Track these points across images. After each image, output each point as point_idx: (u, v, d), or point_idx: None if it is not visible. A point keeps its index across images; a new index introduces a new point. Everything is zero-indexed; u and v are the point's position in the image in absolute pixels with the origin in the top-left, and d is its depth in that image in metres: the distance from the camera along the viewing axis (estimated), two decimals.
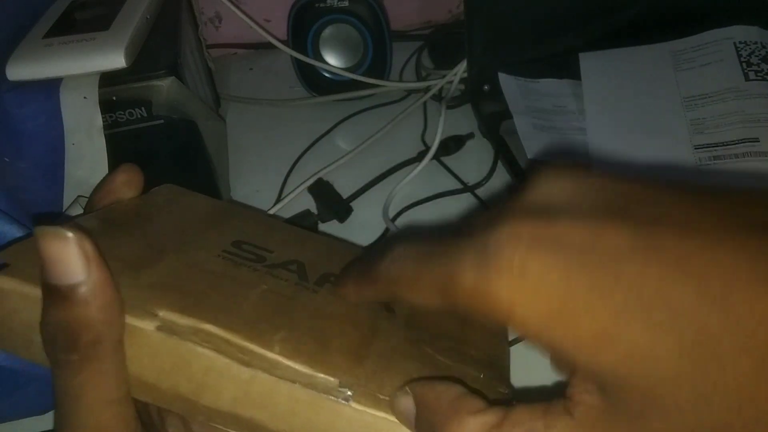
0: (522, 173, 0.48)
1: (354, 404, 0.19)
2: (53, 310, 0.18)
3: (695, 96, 0.49)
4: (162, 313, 0.19)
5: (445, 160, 0.52)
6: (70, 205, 0.33)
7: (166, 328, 0.19)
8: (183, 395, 0.19)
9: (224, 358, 0.19)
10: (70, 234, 0.18)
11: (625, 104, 0.50)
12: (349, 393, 0.19)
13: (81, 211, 0.32)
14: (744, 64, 0.49)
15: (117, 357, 0.19)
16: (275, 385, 0.19)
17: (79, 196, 0.34)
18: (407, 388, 0.19)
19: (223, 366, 0.19)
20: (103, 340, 0.18)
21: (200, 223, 0.26)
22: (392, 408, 0.19)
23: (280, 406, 0.19)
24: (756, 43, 0.49)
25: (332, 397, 0.19)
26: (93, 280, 0.18)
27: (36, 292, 0.19)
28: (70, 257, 0.18)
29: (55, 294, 0.18)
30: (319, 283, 0.24)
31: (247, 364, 0.19)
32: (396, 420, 0.19)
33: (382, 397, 0.19)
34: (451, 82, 0.57)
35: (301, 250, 0.26)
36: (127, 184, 0.26)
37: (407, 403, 0.19)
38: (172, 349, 0.19)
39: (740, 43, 0.50)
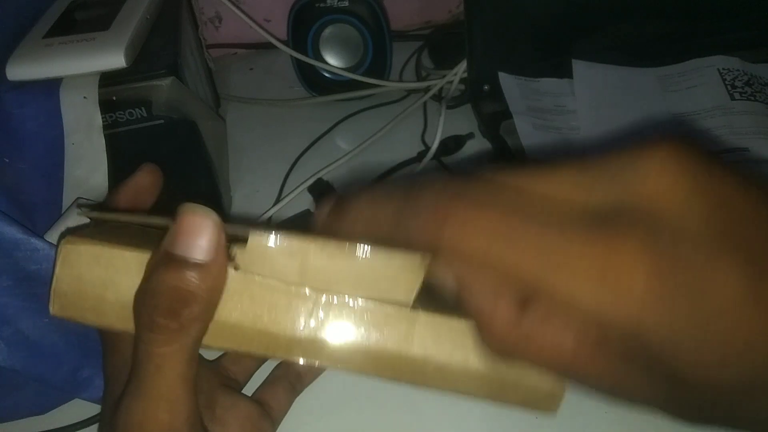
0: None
1: (424, 312, 0.20)
2: (168, 276, 0.19)
3: (684, 113, 0.50)
4: (236, 249, 0.20)
5: (445, 160, 0.52)
6: (69, 207, 0.33)
7: (244, 268, 0.20)
8: (265, 329, 0.20)
9: (301, 288, 0.20)
10: (216, 216, 0.19)
11: (616, 113, 0.51)
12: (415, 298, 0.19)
13: (79, 213, 0.32)
14: (728, 87, 0.50)
15: (201, 340, 0.20)
16: (352, 305, 0.20)
17: (78, 198, 0.34)
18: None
19: (302, 294, 0.20)
20: (203, 318, 0.19)
21: None
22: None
23: (358, 323, 0.20)
24: (738, 70, 0.52)
25: (405, 308, 0.20)
26: (217, 265, 0.19)
27: (108, 252, 0.20)
28: (209, 237, 0.19)
29: (177, 263, 0.19)
30: None
31: (324, 290, 0.20)
32: (464, 324, 0.19)
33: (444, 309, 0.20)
34: (451, 82, 0.57)
35: None
36: (152, 186, 0.27)
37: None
38: (253, 286, 0.20)
39: (723, 69, 0.52)
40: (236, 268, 0.20)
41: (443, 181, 0.17)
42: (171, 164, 0.41)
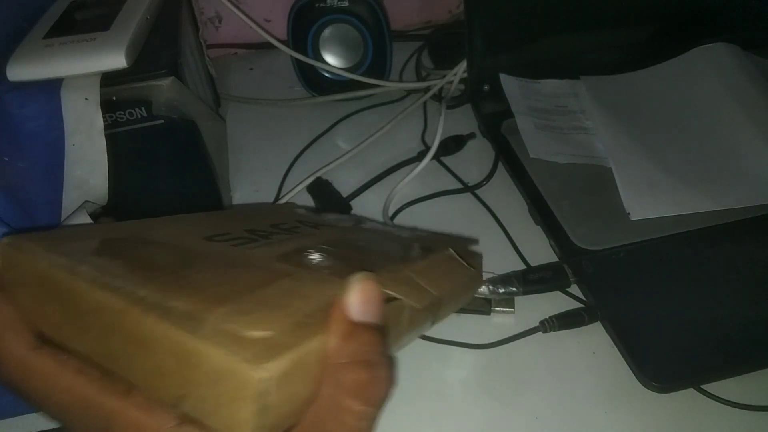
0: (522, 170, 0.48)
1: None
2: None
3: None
4: None
5: (445, 160, 0.52)
6: (76, 211, 0.33)
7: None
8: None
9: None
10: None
11: (630, 118, 0.51)
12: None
13: (86, 216, 0.32)
14: None
15: None
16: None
17: (86, 201, 0.34)
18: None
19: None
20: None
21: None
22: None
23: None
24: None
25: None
26: None
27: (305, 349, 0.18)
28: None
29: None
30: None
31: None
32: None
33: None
34: (451, 82, 0.57)
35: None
36: None
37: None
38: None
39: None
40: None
41: None
42: (171, 164, 0.41)
